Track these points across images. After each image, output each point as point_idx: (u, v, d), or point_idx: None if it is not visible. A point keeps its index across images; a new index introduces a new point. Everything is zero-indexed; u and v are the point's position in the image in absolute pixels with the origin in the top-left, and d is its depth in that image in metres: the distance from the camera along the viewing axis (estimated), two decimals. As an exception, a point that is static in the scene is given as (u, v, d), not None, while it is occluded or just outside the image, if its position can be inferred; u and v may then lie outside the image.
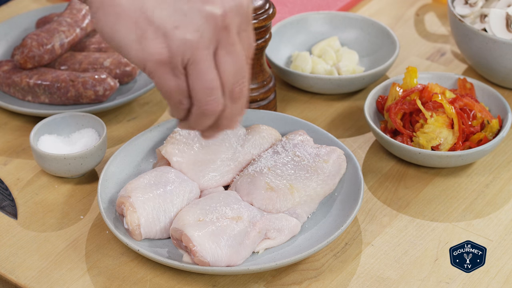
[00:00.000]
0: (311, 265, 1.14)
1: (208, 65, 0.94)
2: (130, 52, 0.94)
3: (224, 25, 0.93)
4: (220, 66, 0.95)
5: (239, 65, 0.96)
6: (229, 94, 0.97)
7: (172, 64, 0.94)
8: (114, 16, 0.94)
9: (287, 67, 1.46)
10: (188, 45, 0.92)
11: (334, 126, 1.37)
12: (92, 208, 1.22)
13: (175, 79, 0.95)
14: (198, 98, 0.96)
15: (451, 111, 1.26)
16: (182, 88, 0.96)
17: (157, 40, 0.93)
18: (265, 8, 1.27)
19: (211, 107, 0.96)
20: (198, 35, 0.92)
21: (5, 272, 1.13)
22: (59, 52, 1.41)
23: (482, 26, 1.41)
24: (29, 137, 1.26)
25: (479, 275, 1.12)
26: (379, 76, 1.41)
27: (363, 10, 1.64)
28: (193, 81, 0.95)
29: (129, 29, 0.94)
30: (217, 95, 0.96)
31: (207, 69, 0.94)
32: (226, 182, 1.21)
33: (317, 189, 1.18)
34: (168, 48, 0.93)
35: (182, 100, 0.97)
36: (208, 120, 0.98)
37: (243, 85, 0.97)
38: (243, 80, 0.97)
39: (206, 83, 0.94)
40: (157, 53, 0.93)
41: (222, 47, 0.94)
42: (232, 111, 0.99)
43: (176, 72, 0.94)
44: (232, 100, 0.98)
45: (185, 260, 1.11)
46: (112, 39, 0.95)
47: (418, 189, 1.26)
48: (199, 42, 0.93)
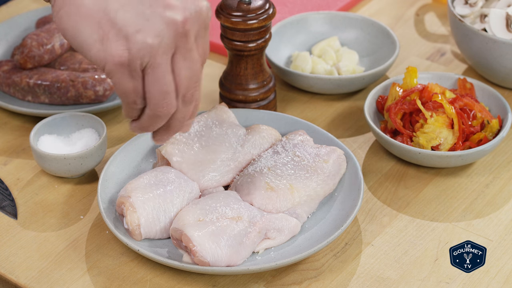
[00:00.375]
0: (311, 265, 1.14)
1: (165, 70, 0.97)
2: (91, 51, 0.96)
3: (184, 31, 0.96)
4: (176, 71, 0.98)
5: (194, 71, 0.99)
6: (182, 98, 1.00)
7: (131, 67, 0.96)
8: (77, 16, 0.96)
9: (287, 67, 1.46)
10: (148, 49, 0.95)
11: (334, 126, 1.37)
12: (92, 208, 1.22)
13: (132, 81, 0.97)
14: (153, 100, 0.99)
15: (451, 111, 1.26)
16: (138, 90, 0.98)
17: (118, 42, 0.95)
18: (265, 8, 1.27)
19: (164, 110, 0.99)
20: (159, 40, 0.95)
21: (5, 272, 1.13)
22: (59, 52, 1.41)
23: (482, 26, 1.41)
24: (29, 137, 1.26)
25: (479, 275, 1.12)
26: (379, 76, 1.41)
27: (363, 10, 1.64)
28: (150, 84, 0.97)
29: (92, 30, 0.96)
30: (171, 98, 0.99)
31: (164, 74, 0.97)
32: (226, 182, 1.21)
33: (317, 189, 1.18)
34: (128, 51, 0.95)
35: (137, 101, 0.99)
36: (160, 121, 1.01)
37: (196, 89, 1.00)
38: (196, 84, 1.00)
39: (162, 86, 0.97)
40: (118, 55, 0.95)
41: (180, 53, 0.97)
42: (184, 113, 1.02)
43: (134, 74, 0.97)
44: (184, 104, 1.01)
45: (185, 260, 1.11)
46: (73, 38, 0.97)
47: (418, 189, 1.26)
48: (159, 47, 0.95)
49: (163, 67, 0.97)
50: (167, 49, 0.96)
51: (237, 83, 1.33)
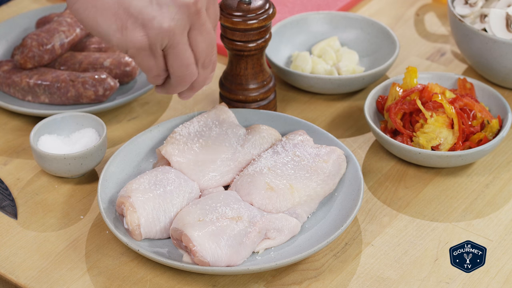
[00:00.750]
0: (311, 265, 1.14)
1: (184, 47, 1.05)
2: (112, 40, 1.04)
3: (196, 10, 1.03)
4: (193, 44, 1.06)
5: (210, 40, 1.08)
6: (202, 65, 1.09)
7: (151, 49, 1.05)
8: (93, 8, 1.03)
9: (287, 67, 1.46)
10: (165, 33, 1.03)
11: (334, 126, 1.37)
12: (92, 208, 1.22)
13: (155, 59, 1.06)
14: (176, 73, 1.08)
15: (451, 111, 1.26)
16: (161, 65, 1.08)
17: (136, 30, 1.03)
18: (265, 8, 1.27)
19: (188, 78, 1.09)
20: (174, 22, 1.03)
21: (5, 272, 1.13)
22: (59, 52, 1.41)
23: (482, 26, 1.41)
24: (29, 137, 1.26)
25: (479, 275, 1.12)
26: (379, 76, 1.41)
27: (363, 10, 1.64)
28: (171, 60, 1.07)
29: (110, 20, 1.03)
30: (193, 68, 1.08)
31: (183, 50, 1.06)
32: (226, 182, 1.21)
33: (317, 189, 1.18)
34: (147, 37, 1.03)
35: (160, 73, 1.09)
36: (185, 87, 1.11)
37: (212, 54, 1.10)
38: (212, 50, 1.09)
39: (183, 60, 1.06)
40: (138, 41, 1.03)
41: (195, 29, 1.05)
42: (205, 75, 1.11)
43: (155, 54, 1.06)
44: (204, 68, 1.10)
45: (185, 260, 1.11)
46: (93, 28, 1.04)
47: (418, 189, 1.26)
48: (174, 29, 1.03)
49: (182, 45, 1.05)
50: (183, 29, 1.04)
51: (237, 83, 1.33)
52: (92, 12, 1.03)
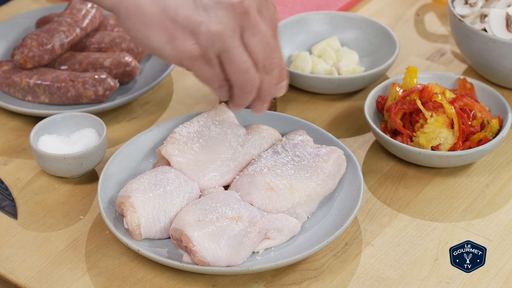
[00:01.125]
0: (311, 265, 1.14)
1: (238, 50, 1.02)
2: (165, 54, 1.02)
3: (243, 10, 1.00)
4: (249, 47, 1.03)
5: (266, 42, 1.03)
6: (263, 69, 1.05)
7: (205, 57, 1.02)
8: (142, 24, 1.01)
9: (287, 67, 1.46)
10: (215, 37, 1.00)
11: (334, 126, 1.37)
12: (92, 208, 1.22)
13: (212, 69, 1.03)
14: (236, 80, 1.04)
15: (451, 111, 1.26)
16: (219, 75, 1.04)
17: (186, 39, 1.01)
18: (265, 8, 1.27)
19: (249, 85, 1.05)
20: (222, 26, 1.00)
21: (5, 272, 1.13)
22: (59, 52, 1.41)
23: (482, 26, 1.41)
24: (29, 137, 1.26)
25: (479, 275, 1.12)
26: (379, 76, 1.41)
27: (363, 10, 1.64)
28: (228, 67, 1.03)
29: (158, 33, 1.01)
30: (253, 73, 1.04)
31: (238, 54, 1.02)
32: (226, 182, 1.21)
33: (317, 189, 1.18)
34: (198, 44, 1.01)
35: (222, 84, 1.05)
36: (250, 95, 1.07)
37: (273, 57, 1.05)
38: (272, 53, 1.05)
39: (240, 65, 1.03)
40: (189, 50, 1.01)
41: (247, 30, 1.02)
42: (270, 81, 1.07)
43: (211, 63, 1.02)
44: (267, 73, 1.06)
45: (185, 260, 1.11)
46: (146, 46, 1.03)
47: (418, 189, 1.26)
48: (224, 32, 1.00)
49: (235, 48, 1.02)
50: (233, 31, 1.01)
51: (237, 83, 1.32)
52: (142, 28, 1.02)
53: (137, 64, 1.42)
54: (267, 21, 1.04)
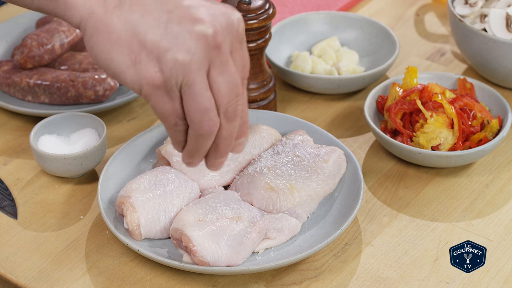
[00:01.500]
0: (311, 265, 1.14)
1: (202, 86, 0.94)
2: (126, 78, 0.94)
3: (215, 44, 0.93)
4: (213, 86, 0.95)
5: (233, 85, 0.95)
6: (224, 114, 0.96)
7: (167, 87, 0.94)
8: (108, 42, 0.94)
9: (287, 67, 1.46)
10: (180, 67, 0.92)
11: (334, 126, 1.37)
12: (92, 208, 1.22)
13: (171, 102, 0.95)
14: (193, 119, 0.95)
15: (451, 111, 1.26)
16: (178, 111, 0.95)
17: (150, 64, 0.93)
18: (265, 8, 1.27)
19: (206, 127, 0.96)
20: (190, 56, 0.92)
21: (5, 272, 1.13)
22: (59, 52, 1.41)
23: (482, 26, 1.41)
24: (29, 137, 1.26)
25: (479, 275, 1.12)
26: (379, 76, 1.41)
27: (363, 10, 1.64)
28: (188, 102, 0.95)
29: (123, 54, 0.94)
30: (212, 115, 0.95)
31: (201, 90, 0.94)
32: (226, 182, 1.21)
33: (317, 189, 1.18)
34: (161, 71, 0.93)
35: (178, 122, 0.96)
36: (205, 141, 0.97)
37: (238, 104, 0.97)
38: (237, 99, 0.96)
39: (200, 103, 0.94)
40: (151, 77, 0.93)
41: (215, 67, 0.94)
42: (229, 131, 0.98)
43: (171, 95, 0.94)
44: (227, 120, 0.97)
45: (185, 260, 1.11)
46: (107, 66, 0.95)
47: (418, 189, 1.26)
48: (191, 63, 0.92)
49: (199, 83, 0.94)
50: (200, 64, 0.93)
51: (237, 83, 1.32)
52: (106, 47, 0.94)
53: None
54: (238, 66, 0.97)
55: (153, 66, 0.93)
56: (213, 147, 0.99)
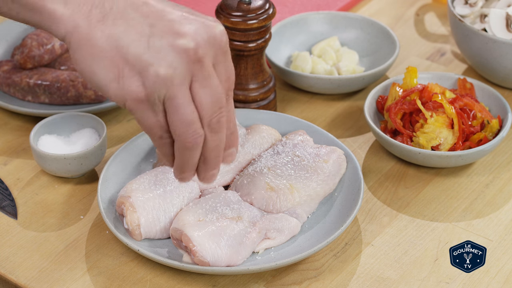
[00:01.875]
0: (311, 265, 1.14)
1: (184, 100, 0.95)
2: (109, 91, 0.95)
3: (197, 58, 0.94)
4: (196, 99, 0.95)
5: (215, 98, 0.96)
6: (208, 126, 0.97)
7: (150, 101, 0.94)
8: (91, 56, 0.95)
9: (287, 67, 1.46)
10: (163, 81, 0.93)
11: (334, 126, 1.37)
12: (92, 208, 1.22)
13: (154, 115, 0.96)
14: (177, 132, 0.96)
15: (451, 111, 1.26)
16: (162, 124, 0.96)
17: (133, 79, 0.93)
18: (265, 8, 1.27)
19: (191, 139, 0.96)
20: (172, 70, 0.93)
21: (5, 272, 1.13)
22: (59, 52, 1.41)
23: (482, 26, 1.41)
24: (29, 137, 1.26)
25: (479, 275, 1.12)
26: (379, 76, 1.41)
27: (363, 10, 1.64)
28: (171, 116, 0.95)
29: (107, 69, 0.94)
30: (195, 127, 0.96)
31: (184, 104, 0.95)
32: (226, 182, 1.21)
33: (317, 189, 1.18)
34: (143, 86, 0.94)
35: (163, 135, 0.97)
36: (192, 153, 0.98)
37: (221, 116, 0.97)
38: (220, 111, 0.97)
39: (183, 116, 0.95)
40: (134, 92, 0.94)
41: (197, 80, 0.95)
42: (215, 142, 0.99)
43: (154, 109, 0.95)
44: (212, 131, 0.98)
45: (185, 260, 1.11)
46: (91, 80, 0.96)
47: (418, 189, 1.26)
48: (173, 78, 0.93)
49: (181, 98, 0.94)
50: (183, 78, 0.94)
51: (237, 83, 1.33)
52: (89, 60, 0.95)
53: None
54: (222, 79, 0.98)
55: (135, 80, 0.93)
56: (201, 160, 0.99)
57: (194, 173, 1.00)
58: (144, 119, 0.96)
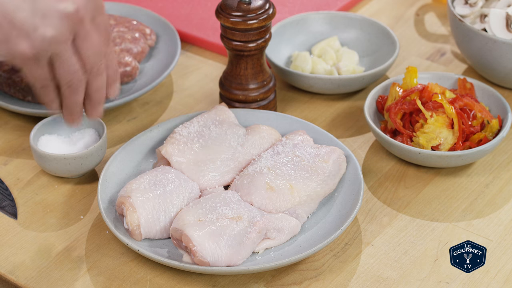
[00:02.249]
0: (311, 265, 1.14)
1: (68, 54, 1.08)
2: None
3: (78, 19, 1.07)
4: (79, 52, 1.09)
5: (96, 49, 1.10)
6: (90, 72, 1.12)
7: (37, 59, 1.07)
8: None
9: (287, 67, 1.46)
10: (48, 42, 1.05)
11: (334, 126, 1.37)
12: (92, 208, 1.22)
13: (41, 69, 1.09)
14: (64, 80, 1.10)
15: (451, 111, 1.26)
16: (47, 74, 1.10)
17: (21, 41, 1.05)
18: (265, 8, 1.27)
19: (75, 85, 1.11)
20: (56, 32, 1.06)
21: (5, 272, 1.13)
22: (59, 52, 1.41)
23: (482, 26, 1.41)
24: (29, 137, 1.26)
25: (479, 275, 1.12)
26: (379, 76, 1.41)
27: (363, 10, 1.64)
28: (58, 69, 1.09)
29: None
30: (79, 75, 1.11)
31: (68, 58, 1.08)
32: (226, 182, 1.21)
33: (317, 189, 1.18)
34: (31, 47, 1.05)
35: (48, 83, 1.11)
36: (77, 96, 1.12)
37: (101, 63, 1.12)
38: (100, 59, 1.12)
39: (69, 67, 1.09)
40: (23, 52, 1.05)
41: (79, 37, 1.09)
42: (98, 84, 1.13)
43: (42, 63, 1.08)
44: (94, 76, 1.12)
45: (185, 260, 1.11)
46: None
47: (418, 189, 1.26)
48: (57, 38, 1.06)
49: (66, 53, 1.08)
50: (66, 37, 1.07)
51: (237, 83, 1.33)
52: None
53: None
54: (100, 29, 1.11)
55: (23, 42, 1.05)
56: (87, 100, 1.14)
57: (81, 114, 1.14)
58: (32, 72, 1.09)
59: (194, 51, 1.54)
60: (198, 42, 1.55)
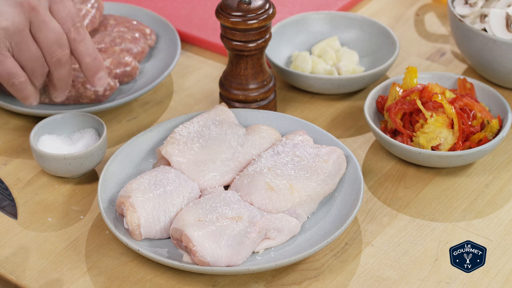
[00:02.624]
0: (311, 265, 1.14)
1: (27, 43, 1.13)
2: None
3: (30, 7, 1.11)
4: (37, 40, 1.14)
5: (54, 37, 1.14)
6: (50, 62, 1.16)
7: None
8: None
9: (287, 67, 1.46)
10: (5, 32, 1.11)
11: (334, 126, 1.37)
12: (92, 208, 1.22)
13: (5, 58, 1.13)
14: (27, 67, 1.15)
15: (451, 111, 1.26)
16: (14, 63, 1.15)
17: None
18: (265, 8, 1.27)
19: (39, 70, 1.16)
20: (10, 22, 1.11)
21: (5, 272, 1.13)
22: (59, 52, 1.41)
23: (482, 26, 1.41)
24: (29, 137, 1.26)
25: (479, 275, 1.12)
26: (379, 76, 1.41)
27: (363, 10, 1.64)
28: (19, 56, 1.14)
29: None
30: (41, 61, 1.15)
31: (27, 46, 1.13)
32: (226, 182, 1.21)
33: (317, 189, 1.18)
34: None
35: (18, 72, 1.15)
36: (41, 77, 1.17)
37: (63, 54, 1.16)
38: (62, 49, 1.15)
39: (29, 54, 1.14)
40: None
41: (35, 26, 1.13)
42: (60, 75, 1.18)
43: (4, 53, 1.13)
44: (54, 67, 1.17)
45: (185, 260, 1.11)
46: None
47: (418, 189, 1.26)
48: (11, 27, 1.11)
49: (24, 41, 1.13)
50: (21, 26, 1.11)
51: (237, 83, 1.33)
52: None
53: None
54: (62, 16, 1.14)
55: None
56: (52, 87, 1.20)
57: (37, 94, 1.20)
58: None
59: (194, 51, 1.54)
60: (198, 42, 1.55)
